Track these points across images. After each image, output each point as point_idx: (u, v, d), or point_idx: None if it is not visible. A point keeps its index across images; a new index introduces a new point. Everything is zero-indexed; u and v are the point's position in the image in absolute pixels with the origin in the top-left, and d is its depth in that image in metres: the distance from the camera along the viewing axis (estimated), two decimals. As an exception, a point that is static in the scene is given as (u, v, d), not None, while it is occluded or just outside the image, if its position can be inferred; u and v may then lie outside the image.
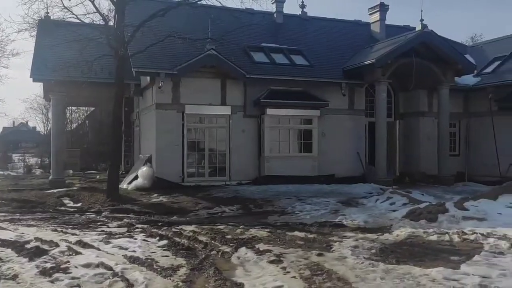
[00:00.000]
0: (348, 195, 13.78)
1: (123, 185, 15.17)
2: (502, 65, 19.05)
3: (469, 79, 19.14)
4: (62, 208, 11.87)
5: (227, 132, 16.52)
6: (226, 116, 16.46)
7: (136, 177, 15.28)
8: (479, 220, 9.10)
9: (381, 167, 17.12)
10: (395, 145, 19.14)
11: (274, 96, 16.52)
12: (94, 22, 14.12)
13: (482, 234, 7.92)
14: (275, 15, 20.99)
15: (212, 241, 7.62)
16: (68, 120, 34.55)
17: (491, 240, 7.63)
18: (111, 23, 13.51)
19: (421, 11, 16.87)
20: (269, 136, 16.60)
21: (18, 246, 7.10)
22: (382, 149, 17.24)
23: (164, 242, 7.56)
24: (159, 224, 9.41)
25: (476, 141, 19.29)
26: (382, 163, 17.15)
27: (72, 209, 11.63)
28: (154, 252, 6.95)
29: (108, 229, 8.73)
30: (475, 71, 19.01)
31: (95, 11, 13.11)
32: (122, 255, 6.68)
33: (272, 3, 20.83)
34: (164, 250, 7.08)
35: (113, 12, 13.50)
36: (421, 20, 17.28)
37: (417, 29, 17.67)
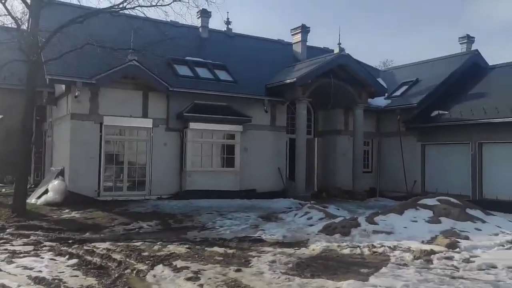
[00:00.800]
0: (268, 210, 14.02)
1: (32, 200, 14.13)
2: (409, 89, 20.71)
3: (381, 101, 20.53)
4: (-41, 225, 10.76)
5: (148, 145, 16.12)
6: (148, 128, 16.07)
7: (46, 191, 14.30)
8: (387, 234, 9.70)
9: (300, 182, 17.68)
10: (314, 161, 19.93)
11: (198, 110, 16.46)
12: (5, 25, 13.12)
13: (389, 247, 8.46)
14: (200, 29, 21.09)
15: (127, 259, 7.35)
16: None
17: (397, 252, 8.18)
18: (24, 26, 12.67)
19: (339, 35, 17.93)
20: (192, 150, 16.47)
21: None
22: (302, 165, 17.83)
23: (74, 261, 7.15)
24: (70, 241, 8.88)
25: (386, 159, 20.65)
26: (301, 179, 17.72)
27: (-30, 226, 10.57)
28: (63, 272, 6.54)
29: (12, 248, 8.07)
30: (386, 94, 20.46)
31: (7, 13, 12.23)
32: (27, 276, 6.21)
33: (198, 18, 20.91)
34: (74, 269, 6.69)
35: (27, 16, 12.69)
36: (339, 43, 18.33)
37: (335, 52, 18.68)
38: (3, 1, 11.91)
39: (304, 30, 22.58)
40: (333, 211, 13.06)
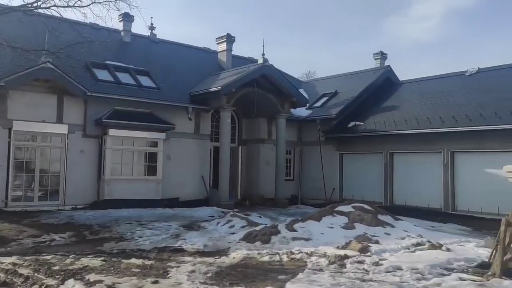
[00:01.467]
0: (191, 219, 13.89)
1: None
2: (329, 101, 21.70)
3: (302, 111, 21.28)
4: None
5: (63, 152, 15.26)
6: (63, 135, 15.23)
7: None
8: (305, 240, 10.04)
9: (224, 190, 17.73)
10: (237, 169, 20.11)
11: (118, 117, 15.90)
12: None
13: (307, 253, 8.76)
14: (122, 33, 20.47)
15: (35, 274, 6.89)
16: None
17: (313, 258, 8.49)
18: None
19: (263, 46, 18.35)
20: (111, 157, 15.85)
21: None
22: (226, 173, 17.91)
23: (-26, 278, 6.57)
24: (-29, 257, 8.13)
25: (307, 167, 21.39)
26: (225, 187, 17.78)
27: None
28: (-40, 291, 5.99)
29: None
30: (308, 105, 21.25)
31: None
32: None
33: (120, 21, 20.28)
34: (-27, 288, 6.15)
35: None
36: (263, 54, 18.79)
37: (259, 62, 19.08)
38: None
39: (229, 39, 22.79)
40: (255, 219, 13.26)
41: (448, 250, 9.28)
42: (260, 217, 14.32)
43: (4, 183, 14.01)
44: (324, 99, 22.05)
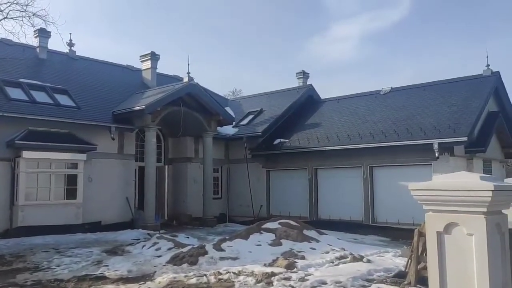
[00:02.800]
0: (114, 243, 13.33)
1: None
2: (255, 118, 22.10)
3: (229, 129, 21.44)
4: None
5: (-30, 177, 14.03)
6: (-30, 158, 14.03)
7: None
8: (233, 260, 10.04)
9: (149, 211, 17.25)
10: (164, 189, 19.70)
11: (33, 138, 14.96)
12: None
13: (234, 273, 8.76)
14: (38, 49, 19.41)
15: None
16: None
17: (241, 277, 8.51)
18: None
19: (188, 64, 18.34)
20: (25, 181, 14.81)
21: None
22: (151, 193, 17.46)
23: None
24: None
25: (235, 184, 21.50)
26: (151, 208, 17.32)
27: None
28: None
29: None
30: (234, 123, 21.47)
31: None
32: None
33: (35, 37, 19.22)
34: None
35: None
36: (188, 72, 18.75)
37: (184, 80, 19.00)
38: None
39: (154, 57, 22.49)
40: (183, 240, 13.03)
41: (368, 261, 9.76)
42: (188, 237, 14.09)
43: None
44: (250, 117, 22.42)
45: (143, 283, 8.33)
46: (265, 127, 20.46)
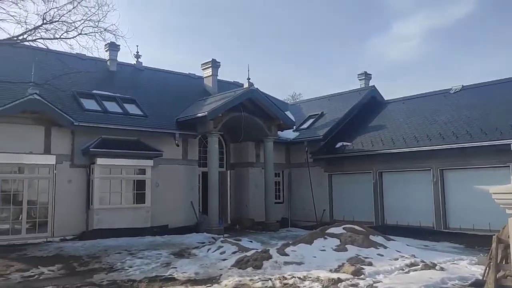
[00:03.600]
0: (181, 246, 13.73)
1: None
2: (316, 122, 21.93)
3: (289, 133, 21.44)
4: None
5: (51, 183, 15.11)
6: (50, 165, 15.10)
7: None
8: (297, 264, 9.97)
9: (213, 216, 17.62)
10: (227, 194, 20.04)
11: (106, 145, 15.85)
12: None
13: (300, 278, 8.71)
14: (108, 62, 20.60)
15: (24, 311, 6.74)
16: None
17: (306, 283, 8.43)
18: None
19: (248, 70, 18.59)
20: (99, 187, 15.71)
21: None
22: (215, 198, 17.84)
23: (-39, 318, 6.40)
24: (-45, 296, 7.95)
25: (296, 189, 21.42)
26: (214, 212, 17.69)
27: None
28: None
29: None
30: (294, 127, 21.43)
31: None
32: None
33: (106, 51, 20.42)
34: (-41, 329, 5.99)
35: None
36: (248, 78, 18.95)
37: (244, 86, 19.27)
38: None
39: (215, 64, 23.06)
40: (246, 244, 13.12)
41: (441, 269, 9.30)
42: (251, 241, 14.18)
43: (-10, 217, 13.77)
44: (311, 120, 22.28)
45: (210, 286, 8.50)
46: (326, 131, 20.24)
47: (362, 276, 8.79)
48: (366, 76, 24.14)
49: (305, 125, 22.09)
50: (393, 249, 11.19)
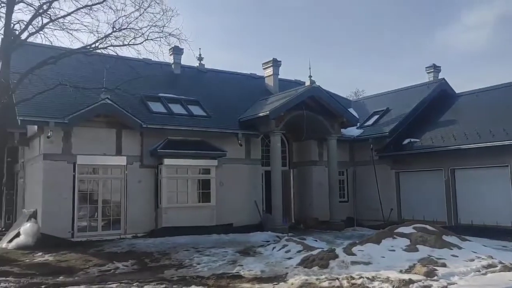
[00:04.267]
0: (246, 244, 13.89)
1: (2, 244, 13.63)
2: (380, 118, 21.25)
3: (353, 131, 20.96)
4: None
5: (122, 183, 15.90)
6: (122, 166, 15.90)
7: (18, 235, 13.83)
8: (365, 264, 9.71)
9: (277, 215, 17.65)
10: (290, 193, 19.98)
11: (172, 146, 16.42)
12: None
13: (368, 278, 8.47)
14: (172, 66, 21.31)
15: (102, 303, 7.13)
16: None
17: (376, 283, 8.19)
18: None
19: (309, 68, 18.42)
20: (167, 186, 16.31)
21: None
22: (278, 197, 17.85)
23: (47, 308, 6.89)
24: (43, 286, 8.58)
25: (362, 187, 20.89)
26: (278, 211, 17.70)
27: None
28: (35, 321, 6.29)
29: (-21, 298, 7.74)
30: (358, 124, 20.92)
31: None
32: (-5, 328, 5.94)
33: (170, 55, 21.14)
34: (46, 317, 6.44)
35: (-3, 57, 12.61)
36: (310, 76, 18.75)
37: (306, 84, 19.11)
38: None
39: (275, 63, 23.09)
40: (311, 243, 13.01)
41: (523, 271, 8.65)
42: (316, 240, 14.03)
43: (70, 215, 14.75)
44: (376, 117, 21.64)
45: (276, 284, 8.51)
46: (392, 127, 19.56)
47: (435, 278, 8.38)
48: (435, 68, 23.01)
49: (369, 122, 21.50)
50: (469, 250, 10.54)
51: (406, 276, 8.43)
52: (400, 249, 10.52)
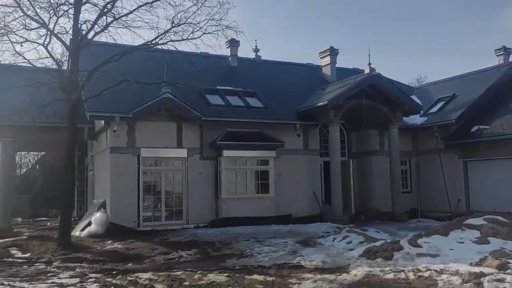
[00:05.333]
0: (306, 235, 13.82)
1: (76, 233, 14.53)
2: (446, 105, 20.24)
3: (416, 119, 20.14)
4: (9, 259, 11.12)
5: (183, 174, 16.37)
6: (183, 158, 16.36)
7: (89, 224, 14.70)
8: (432, 257, 9.33)
9: (337, 205, 17.40)
10: (350, 183, 19.59)
11: (230, 138, 16.64)
12: (47, 67, 13.81)
13: (436, 271, 8.13)
14: (229, 58, 21.53)
15: (169, 289, 7.39)
16: (18, 165, 33.03)
17: (444, 276, 7.85)
18: (64, 67, 13.32)
19: (369, 55, 17.84)
20: (226, 177, 16.57)
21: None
22: (338, 188, 17.57)
23: (119, 292, 7.26)
24: (114, 272, 9.03)
25: (426, 178, 20.06)
26: (338, 202, 17.44)
27: (20, 260, 10.93)
28: (108, 304, 6.65)
29: (59, 281, 8.29)
30: (422, 111, 20.05)
31: (48, 56, 12.91)
32: (73, 309, 6.34)
33: (227, 47, 21.38)
34: (118, 301, 6.79)
35: (67, 57, 13.36)
36: (369, 63, 18.23)
37: (365, 72, 18.59)
38: (45, 45, 12.60)
39: (333, 52, 22.66)
40: (373, 234, 12.74)
41: None
42: (378, 232, 13.72)
43: (136, 205, 15.42)
44: (440, 104, 20.65)
45: (339, 274, 8.39)
46: (459, 114, 18.58)
47: (508, 271, 7.90)
48: (505, 51, 21.52)
49: (434, 109, 20.54)
50: (547, 243, 9.83)
51: (476, 269, 8.01)
52: (469, 241, 10.03)
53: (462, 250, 9.57)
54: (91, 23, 12.86)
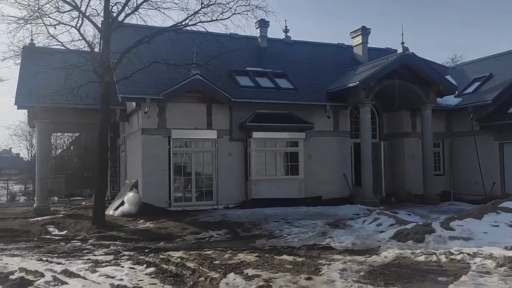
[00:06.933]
0: (335, 217, 13.79)
1: (109, 212, 14.98)
2: (482, 85, 19.54)
3: (450, 100, 19.55)
4: (47, 236, 11.64)
5: (213, 156, 16.53)
6: (212, 140, 16.50)
7: (122, 203, 15.11)
8: (465, 240, 9.17)
9: (367, 188, 17.23)
10: (380, 165, 19.28)
11: (260, 120, 16.62)
12: (80, 49, 14.09)
13: (469, 254, 7.98)
14: (259, 39, 21.35)
15: (200, 267, 7.55)
16: (53, 146, 34.17)
17: (477, 259, 7.70)
18: (96, 49, 13.54)
19: (402, 34, 17.22)
20: (256, 159, 16.63)
21: (2, 278, 6.95)
22: (368, 170, 17.37)
23: (152, 269, 7.47)
24: (146, 250, 9.30)
25: (460, 160, 19.57)
26: (368, 184, 17.26)
27: (57, 237, 11.41)
28: (142, 280, 6.87)
29: (94, 257, 8.59)
30: (457, 92, 19.44)
31: (81, 38, 13.15)
32: (109, 284, 6.58)
33: (256, 28, 21.20)
34: (151, 277, 7.00)
35: (98, 39, 13.56)
36: (402, 43, 17.74)
37: (398, 52, 18.10)
38: (77, 27, 12.83)
39: (364, 32, 22.13)
40: (404, 217, 12.57)
41: None
42: (409, 214, 13.53)
43: (167, 186, 15.72)
44: (476, 84, 19.94)
45: (368, 256, 8.36)
46: (496, 94, 17.90)
47: (547, 256, 7.66)
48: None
49: (469, 90, 19.87)
50: None
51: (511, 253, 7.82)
52: (504, 225, 9.80)
53: (496, 233, 9.36)
54: (122, 4, 12.98)
